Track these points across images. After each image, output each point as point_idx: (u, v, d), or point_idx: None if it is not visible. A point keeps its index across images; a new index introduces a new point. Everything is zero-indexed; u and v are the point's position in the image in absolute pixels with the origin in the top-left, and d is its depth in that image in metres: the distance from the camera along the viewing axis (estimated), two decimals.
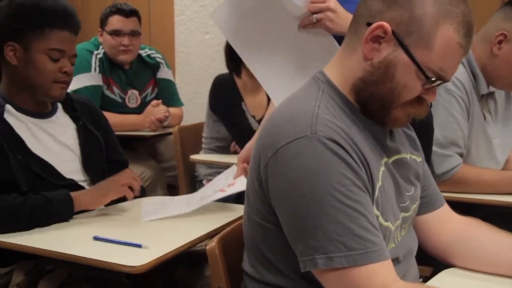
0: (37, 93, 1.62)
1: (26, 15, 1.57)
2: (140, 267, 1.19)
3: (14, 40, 1.58)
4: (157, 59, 3.03)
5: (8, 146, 1.52)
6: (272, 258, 1.08)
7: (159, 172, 2.88)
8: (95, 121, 1.79)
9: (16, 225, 1.42)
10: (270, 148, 1.00)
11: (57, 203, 1.47)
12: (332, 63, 1.13)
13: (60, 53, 1.60)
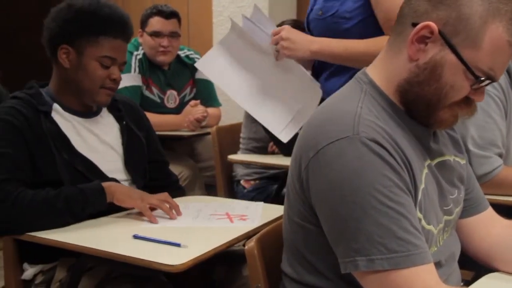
0: (83, 97, 1.65)
1: (83, 21, 1.60)
2: (179, 266, 1.19)
3: (69, 43, 1.61)
4: (196, 59, 3.05)
5: (54, 145, 1.55)
6: (312, 259, 1.08)
7: (197, 172, 2.90)
8: (138, 121, 1.81)
9: (55, 216, 1.44)
10: (312, 149, 1.00)
11: (90, 192, 1.49)
12: (375, 64, 1.11)
13: (111, 60, 1.63)
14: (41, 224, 1.43)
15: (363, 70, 1.12)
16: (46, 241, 1.37)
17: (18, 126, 1.51)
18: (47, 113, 1.59)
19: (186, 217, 1.53)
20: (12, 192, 1.42)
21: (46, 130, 1.55)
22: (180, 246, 1.29)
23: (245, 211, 1.57)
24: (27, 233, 1.41)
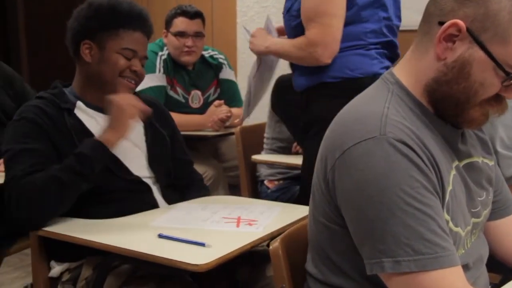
0: (106, 90, 1.66)
1: (103, 16, 1.64)
2: (203, 265, 1.20)
3: (90, 38, 1.65)
4: (220, 59, 3.07)
5: (79, 141, 1.57)
6: (337, 260, 1.07)
7: (221, 171, 2.91)
8: (162, 120, 1.83)
9: (70, 187, 1.47)
10: (338, 149, 0.99)
11: (90, 152, 1.51)
12: (402, 64, 1.10)
13: (132, 52, 1.66)
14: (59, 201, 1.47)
15: (389, 70, 1.11)
16: (74, 240, 1.39)
17: (42, 124, 1.55)
18: (70, 110, 1.62)
19: (197, 219, 1.53)
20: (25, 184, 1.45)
21: (70, 127, 1.58)
22: (205, 246, 1.29)
23: (258, 216, 1.55)
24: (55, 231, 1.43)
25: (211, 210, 1.61)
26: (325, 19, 1.73)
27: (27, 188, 1.45)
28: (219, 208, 1.64)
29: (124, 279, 1.47)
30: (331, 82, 1.82)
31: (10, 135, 1.56)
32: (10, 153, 1.52)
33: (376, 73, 1.80)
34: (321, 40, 1.74)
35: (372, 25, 1.82)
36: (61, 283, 1.55)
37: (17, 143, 1.53)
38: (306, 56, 1.79)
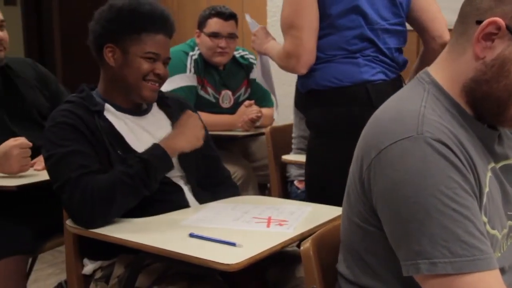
0: (130, 94, 1.68)
1: (124, 19, 1.64)
2: (234, 265, 1.20)
3: (113, 42, 1.65)
4: (250, 60, 3.07)
5: (109, 142, 1.59)
6: (370, 261, 1.06)
7: (251, 171, 2.91)
8: None
9: (133, 193, 1.50)
10: (374, 149, 0.98)
11: (154, 160, 1.55)
12: (438, 64, 1.08)
13: (155, 56, 1.66)
14: (123, 205, 1.49)
15: (425, 70, 1.09)
16: (107, 238, 1.41)
17: (76, 125, 1.57)
18: (100, 112, 1.63)
19: (227, 219, 1.53)
20: (88, 184, 1.47)
21: (101, 129, 1.60)
22: (236, 246, 1.30)
23: (289, 216, 1.54)
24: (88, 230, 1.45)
25: (242, 210, 1.61)
26: (294, 31, 1.80)
27: (92, 188, 1.46)
28: (250, 208, 1.63)
29: (155, 278, 1.49)
30: (320, 90, 1.86)
31: (49, 141, 1.57)
32: (54, 159, 1.54)
33: (368, 81, 1.82)
34: (293, 51, 1.82)
35: (353, 32, 1.82)
36: (94, 280, 1.57)
37: (58, 147, 1.54)
38: (284, 65, 1.90)
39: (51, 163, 1.55)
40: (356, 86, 1.81)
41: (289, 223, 1.47)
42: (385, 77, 1.87)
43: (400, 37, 1.95)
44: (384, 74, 1.87)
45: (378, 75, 1.85)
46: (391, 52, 1.90)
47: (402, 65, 1.98)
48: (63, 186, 1.49)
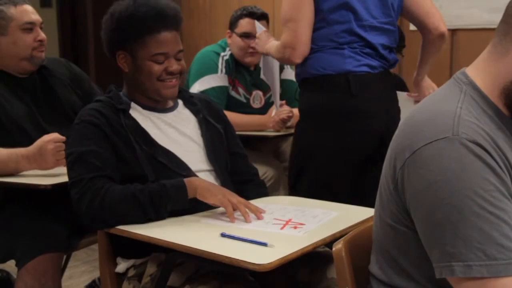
0: (150, 95, 1.70)
1: (124, 27, 1.64)
2: (266, 265, 1.20)
3: (122, 49, 1.67)
4: None
5: (135, 139, 1.61)
6: (404, 262, 1.05)
7: (282, 171, 2.90)
8: (214, 115, 1.85)
9: (140, 211, 1.49)
10: (408, 149, 0.97)
11: (171, 189, 1.53)
12: (477, 65, 1.06)
13: (163, 56, 1.66)
14: (129, 218, 1.49)
15: (462, 71, 1.08)
16: (139, 237, 1.42)
17: (100, 125, 1.59)
18: (125, 110, 1.66)
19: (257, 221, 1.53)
20: (101, 188, 1.50)
21: (126, 126, 1.62)
22: (267, 246, 1.29)
23: (310, 220, 1.51)
24: (121, 228, 1.47)
25: (268, 210, 1.61)
26: (291, 24, 1.97)
27: (104, 194, 1.49)
28: (277, 208, 1.63)
29: (187, 277, 1.50)
30: (309, 78, 2.03)
31: (72, 138, 1.62)
32: (73, 156, 1.57)
33: (350, 71, 1.97)
34: (289, 43, 1.99)
35: (342, 26, 1.97)
36: (127, 278, 1.58)
37: (79, 145, 1.58)
38: (281, 57, 2.08)
39: (69, 160, 1.59)
40: (338, 75, 1.97)
41: (304, 227, 1.45)
42: (370, 70, 1.99)
43: (390, 36, 2.07)
44: (369, 67, 2.00)
45: (363, 67, 1.98)
46: (380, 48, 2.02)
47: (393, 63, 2.10)
48: (76, 183, 1.53)
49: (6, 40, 2.02)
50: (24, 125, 2.00)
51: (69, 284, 2.78)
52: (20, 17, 2.02)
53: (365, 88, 1.98)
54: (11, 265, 1.96)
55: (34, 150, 1.86)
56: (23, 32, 2.03)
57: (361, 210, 1.63)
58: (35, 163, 1.88)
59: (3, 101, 1.99)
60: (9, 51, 2.03)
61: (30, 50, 2.04)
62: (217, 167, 1.74)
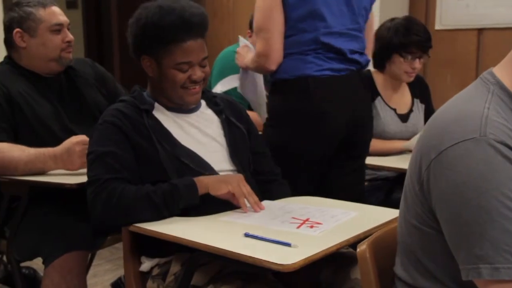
0: (173, 100, 1.72)
1: (150, 35, 1.64)
2: (290, 265, 1.19)
3: (147, 54, 1.68)
4: None
5: (157, 139, 1.62)
6: (429, 264, 1.04)
7: None
8: (237, 115, 1.85)
9: (154, 210, 1.51)
10: (434, 150, 0.96)
11: (181, 187, 1.54)
12: (505, 65, 1.05)
13: (187, 64, 1.66)
14: (143, 217, 1.50)
15: (489, 71, 1.06)
16: (164, 236, 1.43)
17: (122, 126, 1.61)
18: (148, 111, 1.67)
19: (265, 217, 1.54)
20: (116, 189, 1.52)
21: (149, 127, 1.63)
22: (291, 246, 1.29)
23: (327, 219, 1.51)
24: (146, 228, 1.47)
25: (287, 209, 1.61)
26: (263, 34, 2.06)
27: (119, 195, 1.51)
28: (296, 208, 1.63)
29: (211, 276, 1.50)
30: (275, 82, 2.13)
31: (94, 138, 1.64)
32: (93, 155, 1.60)
33: (310, 75, 2.05)
34: (263, 51, 2.07)
35: (310, 35, 2.06)
36: (151, 277, 1.60)
37: (100, 146, 1.60)
38: (257, 66, 2.15)
39: (89, 159, 1.61)
40: (297, 79, 2.06)
41: (321, 227, 1.44)
42: (334, 73, 2.08)
43: (359, 41, 2.16)
44: (332, 71, 2.08)
45: (325, 72, 2.07)
46: (348, 53, 2.11)
47: (365, 64, 2.21)
48: (93, 183, 1.55)
49: (35, 41, 2.05)
50: (51, 125, 2.03)
51: (93, 282, 2.81)
52: (49, 18, 2.05)
53: (325, 91, 2.06)
54: (38, 262, 1.99)
55: (61, 151, 1.89)
56: (52, 34, 2.05)
57: (382, 210, 1.62)
58: (61, 163, 1.90)
59: (31, 101, 2.02)
60: (38, 52, 2.06)
61: (59, 51, 2.07)
62: (240, 167, 1.74)
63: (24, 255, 1.99)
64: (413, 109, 2.59)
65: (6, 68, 2.07)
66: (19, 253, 1.97)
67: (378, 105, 2.51)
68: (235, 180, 1.59)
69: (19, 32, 2.04)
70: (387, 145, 2.49)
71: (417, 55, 2.42)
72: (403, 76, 2.48)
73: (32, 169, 1.90)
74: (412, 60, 2.43)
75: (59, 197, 1.96)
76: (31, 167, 1.90)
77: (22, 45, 2.05)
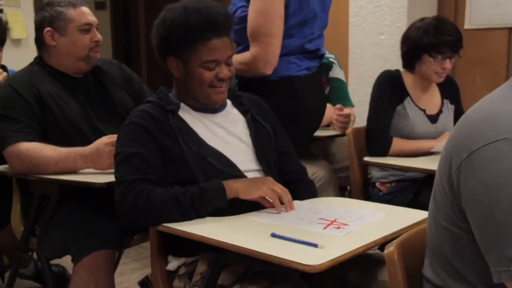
0: (199, 100, 1.72)
1: (177, 35, 1.65)
2: (316, 266, 1.19)
3: (173, 55, 1.68)
4: (330, 59, 3.03)
5: (183, 140, 1.63)
6: (459, 266, 1.03)
7: (332, 172, 2.88)
8: (263, 114, 1.85)
9: (181, 213, 1.52)
10: (465, 150, 0.95)
11: (210, 191, 1.55)
12: None
13: (214, 63, 1.66)
14: (170, 219, 1.51)
15: None
16: (191, 236, 1.43)
17: (148, 127, 1.62)
18: (174, 111, 1.68)
19: (292, 217, 1.54)
20: (144, 190, 1.53)
21: (175, 127, 1.64)
22: (317, 247, 1.29)
23: (354, 221, 1.50)
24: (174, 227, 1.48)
25: (315, 210, 1.60)
26: (266, 38, 2.07)
27: (147, 196, 1.52)
28: (324, 208, 1.62)
29: (237, 276, 1.51)
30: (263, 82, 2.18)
31: (121, 139, 1.66)
32: (120, 156, 1.61)
33: (293, 76, 2.18)
34: (263, 56, 2.09)
35: (297, 41, 2.17)
36: (178, 276, 1.61)
37: (126, 146, 1.62)
38: (249, 69, 2.15)
39: (116, 160, 1.63)
40: (282, 80, 2.16)
41: (347, 228, 1.43)
42: (309, 72, 2.22)
43: (323, 37, 2.33)
44: (308, 69, 2.22)
45: (303, 71, 2.20)
46: (318, 51, 2.26)
47: (322, 55, 2.34)
48: (120, 184, 1.56)
49: (65, 40, 2.08)
50: (80, 124, 2.06)
51: (120, 280, 2.84)
52: (79, 18, 2.08)
53: (306, 88, 2.20)
54: (67, 260, 2.02)
55: (91, 151, 1.93)
56: (81, 33, 2.09)
57: (409, 212, 1.61)
58: (91, 163, 1.94)
59: (60, 101, 2.06)
60: (67, 51, 2.09)
61: (87, 50, 2.10)
62: (266, 167, 1.74)
63: (54, 253, 2.02)
64: (442, 110, 2.55)
65: (36, 69, 2.11)
66: (49, 251, 2.01)
67: (407, 106, 2.48)
68: (265, 184, 1.59)
69: (49, 31, 2.08)
70: (413, 144, 2.46)
71: (447, 55, 2.38)
72: (433, 76, 2.45)
73: (62, 168, 1.93)
74: (443, 60, 2.39)
75: (88, 196, 1.98)
76: (61, 166, 1.93)
77: (52, 44, 2.09)
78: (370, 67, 3.74)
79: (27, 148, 1.94)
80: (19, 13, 4.38)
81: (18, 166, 1.97)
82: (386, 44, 3.65)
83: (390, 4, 3.56)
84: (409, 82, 2.51)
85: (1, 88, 2.08)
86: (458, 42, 2.38)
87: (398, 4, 3.57)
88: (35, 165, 1.93)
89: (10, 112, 1.98)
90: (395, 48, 3.64)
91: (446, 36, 2.36)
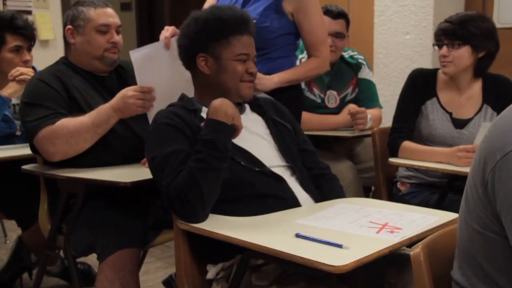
0: (229, 96, 1.71)
1: (212, 28, 1.71)
2: (341, 267, 1.18)
3: (204, 51, 1.72)
4: (359, 60, 3.01)
5: None
6: (491, 271, 1.01)
7: (356, 173, 2.86)
8: (280, 114, 1.87)
9: (213, 169, 1.53)
10: (499, 151, 0.93)
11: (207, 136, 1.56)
12: None
13: (246, 56, 1.73)
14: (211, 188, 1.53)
15: None
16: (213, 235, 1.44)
17: (178, 125, 1.64)
18: (196, 111, 1.71)
19: (344, 220, 1.51)
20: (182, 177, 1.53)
21: (199, 128, 1.64)
22: (342, 247, 1.28)
23: (407, 225, 1.46)
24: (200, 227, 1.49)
25: (363, 213, 1.57)
26: (327, 43, 2.42)
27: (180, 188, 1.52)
28: (372, 212, 1.58)
29: (275, 277, 1.50)
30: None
31: (152, 143, 1.66)
32: (157, 160, 1.61)
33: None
34: (328, 55, 2.40)
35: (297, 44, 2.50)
36: (215, 280, 1.61)
37: (161, 148, 1.62)
38: (320, 71, 2.42)
39: (154, 165, 1.63)
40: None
41: (401, 232, 1.40)
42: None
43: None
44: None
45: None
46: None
47: None
48: (166, 190, 1.56)
49: (81, 39, 2.13)
50: None
51: (145, 279, 2.86)
52: (97, 19, 2.12)
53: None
54: (93, 258, 2.04)
55: (116, 101, 2.01)
56: (97, 33, 2.12)
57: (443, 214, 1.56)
58: (119, 112, 2.00)
59: (87, 96, 2.09)
60: (83, 49, 2.13)
61: (102, 51, 2.13)
62: (291, 162, 1.76)
63: (80, 251, 2.05)
64: (477, 116, 2.36)
65: (63, 68, 2.15)
66: (75, 248, 2.03)
67: (430, 106, 2.40)
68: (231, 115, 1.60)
69: (69, 29, 2.14)
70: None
71: (442, 42, 2.28)
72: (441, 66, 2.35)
73: (99, 125, 1.99)
74: (440, 48, 2.30)
75: (114, 195, 2.00)
76: (98, 123, 1.99)
77: (71, 41, 2.15)
78: (396, 67, 3.71)
79: (56, 125, 1.96)
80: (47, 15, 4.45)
81: (52, 149, 1.97)
82: (411, 44, 3.62)
83: (416, 3, 3.53)
84: (442, 82, 2.42)
85: (29, 81, 2.14)
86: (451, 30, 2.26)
87: (424, 3, 3.53)
88: (75, 133, 1.96)
89: (39, 100, 2.01)
90: (420, 48, 3.61)
91: (443, 23, 2.30)
